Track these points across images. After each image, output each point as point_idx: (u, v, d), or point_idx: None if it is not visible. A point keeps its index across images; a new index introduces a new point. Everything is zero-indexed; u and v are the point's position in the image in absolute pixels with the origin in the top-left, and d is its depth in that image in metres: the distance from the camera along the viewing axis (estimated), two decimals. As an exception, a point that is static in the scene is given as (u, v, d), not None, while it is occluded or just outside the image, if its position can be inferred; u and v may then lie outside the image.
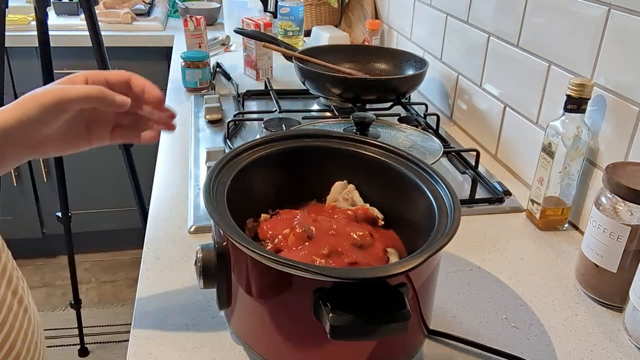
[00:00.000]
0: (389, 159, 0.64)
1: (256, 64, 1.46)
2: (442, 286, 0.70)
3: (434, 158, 0.85)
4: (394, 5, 1.62)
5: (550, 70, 0.89)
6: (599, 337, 0.63)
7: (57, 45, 1.48)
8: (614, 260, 0.65)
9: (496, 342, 0.61)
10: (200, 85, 1.37)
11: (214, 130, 1.13)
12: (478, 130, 1.14)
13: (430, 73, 1.23)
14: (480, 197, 0.90)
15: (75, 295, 1.70)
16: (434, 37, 1.33)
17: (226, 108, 1.24)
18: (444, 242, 0.48)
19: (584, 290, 0.70)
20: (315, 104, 1.28)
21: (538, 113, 0.93)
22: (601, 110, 0.78)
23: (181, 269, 0.71)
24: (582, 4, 0.80)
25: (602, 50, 0.77)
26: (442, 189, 0.57)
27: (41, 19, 1.32)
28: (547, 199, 0.81)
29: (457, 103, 1.23)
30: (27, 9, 1.93)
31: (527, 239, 0.81)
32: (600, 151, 0.79)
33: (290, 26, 1.72)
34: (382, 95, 1.15)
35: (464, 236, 0.81)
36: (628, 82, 0.73)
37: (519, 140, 0.99)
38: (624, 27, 0.73)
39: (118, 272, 2.24)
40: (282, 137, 0.66)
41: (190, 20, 1.47)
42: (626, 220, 0.63)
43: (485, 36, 1.08)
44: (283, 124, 1.10)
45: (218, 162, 0.58)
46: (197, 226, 0.79)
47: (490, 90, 1.08)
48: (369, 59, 1.32)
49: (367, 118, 0.87)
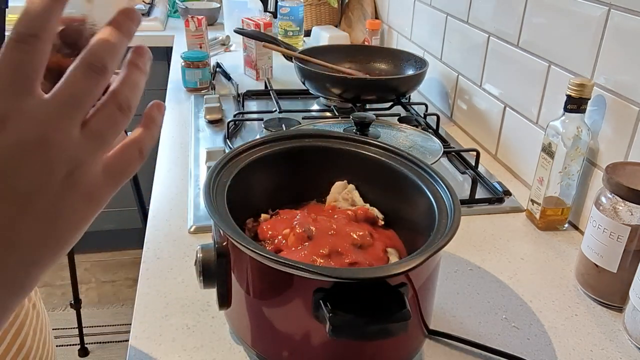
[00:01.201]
0: (389, 159, 0.64)
1: (256, 64, 1.46)
2: (442, 286, 0.70)
3: (434, 158, 0.85)
4: (394, 5, 1.62)
5: (550, 70, 0.89)
6: (599, 337, 0.63)
7: (57, 45, 1.47)
8: (614, 260, 0.65)
9: (496, 342, 0.61)
10: (200, 85, 1.37)
11: (214, 130, 1.13)
12: (478, 130, 1.14)
13: (430, 73, 1.23)
14: (480, 197, 0.90)
15: (75, 295, 1.70)
16: (434, 37, 1.33)
17: (226, 108, 1.24)
18: (444, 242, 0.48)
19: (584, 290, 0.70)
20: (315, 104, 1.28)
21: (538, 113, 0.93)
22: (601, 110, 0.78)
23: (181, 269, 0.71)
24: (582, 4, 0.80)
25: (602, 50, 0.77)
26: (442, 189, 0.57)
27: (41, 19, 1.32)
28: (547, 199, 0.81)
29: (457, 103, 1.23)
30: (27, 9, 1.93)
31: (527, 239, 0.81)
32: (600, 151, 0.79)
33: (290, 26, 1.72)
34: (382, 95, 1.15)
35: (464, 236, 0.81)
36: (628, 82, 0.73)
37: (519, 140, 0.99)
38: (624, 27, 0.73)
39: (118, 272, 2.24)
40: (282, 137, 0.66)
41: (191, 21, 1.47)
42: (626, 220, 0.63)
43: (485, 36, 1.08)
44: (283, 124, 1.10)
45: (218, 162, 0.58)
46: (197, 226, 0.79)
47: (490, 90, 1.08)
48: (369, 59, 1.32)
49: (367, 118, 0.87)
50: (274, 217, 0.62)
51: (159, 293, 0.67)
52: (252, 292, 0.51)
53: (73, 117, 0.30)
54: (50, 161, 0.29)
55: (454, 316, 0.65)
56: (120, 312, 2.03)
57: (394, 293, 0.45)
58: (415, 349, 0.56)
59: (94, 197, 0.31)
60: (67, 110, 0.30)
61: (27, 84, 0.30)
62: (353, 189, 0.66)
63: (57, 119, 0.30)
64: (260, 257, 0.46)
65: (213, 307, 0.64)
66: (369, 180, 0.66)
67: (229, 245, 0.52)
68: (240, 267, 0.51)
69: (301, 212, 0.62)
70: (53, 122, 0.30)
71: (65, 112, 0.30)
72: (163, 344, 0.59)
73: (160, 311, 0.64)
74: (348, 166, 0.66)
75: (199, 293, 0.66)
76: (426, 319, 0.55)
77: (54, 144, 0.29)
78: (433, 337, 0.61)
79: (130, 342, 0.59)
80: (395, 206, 0.63)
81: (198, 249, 0.53)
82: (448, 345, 0.60)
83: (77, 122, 0.31)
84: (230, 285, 0.53)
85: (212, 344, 0.59)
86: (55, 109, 0.30)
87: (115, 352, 1.86)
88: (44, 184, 0.29)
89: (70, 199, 0.30)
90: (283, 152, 0.64)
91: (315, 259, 0.53)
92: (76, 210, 0.31)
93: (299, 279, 0.46)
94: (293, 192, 0.66)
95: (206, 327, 0.62)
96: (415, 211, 0.59)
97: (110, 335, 1.93)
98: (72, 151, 0.30)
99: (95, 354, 1.85)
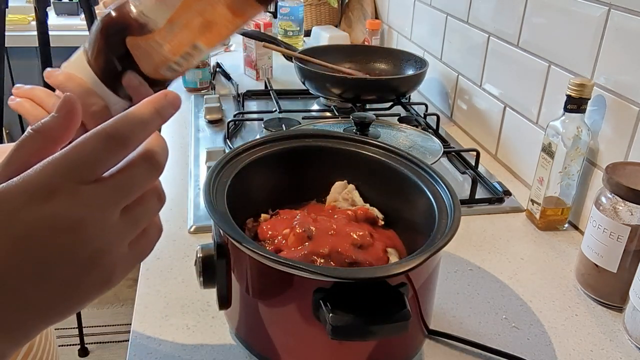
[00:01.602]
0: (389, 159, 0.64)
1: (256, 64, 1.46)
2: (442, 286, 0.70)
3: (434, 158, 0.85)
4: (394, 5, 1.62)
5: (550, 70, 0.89)
6: (599, 337, 0.63)
7: (57, 45, 1.48)
8: (614, 260, 0.65)
9: (496, 342, 0.61)
10: (200, 85, 1.37)
11: (214, 130, 1.13)
12: (478, 130, 1.14)
13: (430, 73, 1.22)
14: (480, 197, 0.90)
15: (75, 295, 1.69)
16: (434, 37, 1.33)
17: (226, 108, 1.24)
18: (444, 242, 0.48)
19: (584, 290, 0.70)
20: (315, 104, 1.28)
21: (538, 113, 0.93)
22: (601, 110, 0.78)
23: (181, 269, 0.71)
24: (582, 4, 0.80)
25: (602, 50, 0.77)
26: (442, 189, 0.57)
27: (41, 19, 1.32)
28: (547, 199, 0.81)
29: (457, 103, 1.23)
30: (27, 9, 1.93)
31: (527, 239, 0.81)
32: (600, 151, 0.79)
33: (290, 26, 1.72)
34: (382, 95, 1.15)
35: (464, 236, 0.81)
36: (628, 82, 0.73)
37: (519, 140, 0.99)
38: (624, 27, 0.73)
39: (118, 272, 2.24)
40: (282, 137, 0.66)
41: (190, 21, 1.47)
42: (626, 220, 0.63)
43: (485, 36, 1.08)
44: (283, 124, 1.10)
45: (218, 162, 0.58)
46: (197, 226, 0.79)
47: (490, 90, 1.08)
48: (369, 59, 1.32)
49: (367, 118, 0.87)
50: (274, 217, 0.62)
51: (159, 293, 0.67)
52: (252, 292, 0.51)
53: (119, 205, 0.31)
54: (81, 241, 0.30)
55: (454, 316, 0.65)
56: (120, 312, 2.03)
57: (394, 293, 0.45)
58: (415, 349, 0.56)
59: (114, 276, 0.32)
60: (116, 199, 0.31)
61: (93, 175, 0.30)
62: (353, 189, 0.66)
63: (103, 205, 0.30)
64: (260, 257, 0.46)
65: (213, 307, 0.64)
66: (369, 180, 0.66)
67: (229, 245, 0.52)
68: (240, 267, 0.51)
69: (301, 212, 0.62)
70: (98, 207, 0.30)
71: (113, 201, 0.31)
72: (163, 344, 0.59)
73: (160, 311, 0.64)
74: (348, 166, 0.66)
75: (199, 293, 0.66)
76: (426, 319, 0.55)
77: (91, 226, 0.30)
78: (433, 337, 0.61)
79: (130, 342, 0.59)
80: (395, 206, 0.63)
81: (198, 249, 0.53)
82: (448, 345, 0.60)
83: (120, 208, 0.31)
84: (230, 285, 0.53)
85: (212, 344, 0.59)
86: (105, 197, 0.30)
87: (115, 352, 1.86)
88: (69, 260, 0.30)
89: (92, 275, 0.31)
90: (283, 152, 0.64)
91: (315, 259, 0.53)
92: (94, 285, 0.31)
93: (299, 279, 0.46)
94: (293, 192, 0.66)
95: (206, 327, 0.62)
96: (415, 211, 0.59)
97: (110, 335, 1.93)
98: (107, 236, 0.31)
99: (95, 354, 1.85)
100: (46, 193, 0.29)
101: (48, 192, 0.29)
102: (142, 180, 0.32)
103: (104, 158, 0.30)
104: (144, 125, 0.32)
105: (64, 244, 0.29)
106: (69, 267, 0.30)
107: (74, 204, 0.29)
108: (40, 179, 0.29)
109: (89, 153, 0.30)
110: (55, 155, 0.30)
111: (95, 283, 0.31)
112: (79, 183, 0.30)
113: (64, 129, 0.32)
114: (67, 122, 0.32)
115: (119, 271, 0.32)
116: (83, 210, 0.30)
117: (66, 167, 0.29)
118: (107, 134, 0.30)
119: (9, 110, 0.54)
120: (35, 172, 0.29)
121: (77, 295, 0.31)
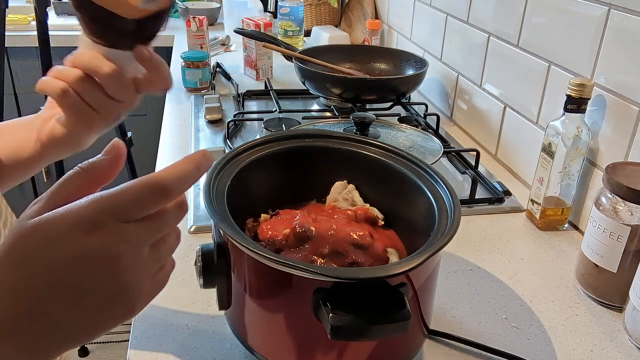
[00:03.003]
0: (389, 159, 0.64)
1: (256, 64, 1.46)
2: (442, 286, 0.70)
3: (434, 158, 0.85)
4: (394, 5, 1.62)
5: (550, 70, 0.89)
6: (599, 337, 0.63)
7: (57, 45, 1.48)
8: (614, 260, 0.65)
9: (496, 342, 0.61)
10: (200, 85, 1.37)
11: (214, 130, 1.13)
12: (478, 130, 1.14)
13: (430, 73, 1.23)
14: (480, 197, 0.90)
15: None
16: (434, 37, 1.33)
17: (226, 108, 1.24)
18: (444, 242, 0.48)
19: (584, 290, 0.70)
20: (315, 104, 1.28)
21: (538, 113, 0.93)
22: (601, 110, 0.78)
23: (181, 269, 0.71)
24: (582, 4, 0.80)
25: (602, 50, 0.77)
26: (442, 189, 0.57)
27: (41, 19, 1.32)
28: (547, 199, 0.81)
29: (457, 103, 1.23)
30: (27, 9, 1.93)
31: (527, 239, 0.81)
32: (600, 151, 0.79)
33: (290, 26, 1.72)
34: (382, 95, 1.15)
35: (464, 236, 0.81)
36: (628, 82, 0.73)
37: (519, 140, 0.99)
38: (624, 27, 0.73)
39: (118, 272, 2.24)
40: (282, 137, 0.66)
41: (192, 21, 1.47)
42: (626, 220, 0.63)
43: (485, 36, 1.08)
44: (283, 124, 1.10)
45: (218, 162, 0.58)
46: (197, 226, 0.79)
47: (490, 90, 1.08)
48: (369, 59, 1.32)
49: (367, 118, 0.87)
50: (274, 217, 0.62)
51: (159, 293, 0.66)
52: (252, 292, 0.51)
53: (151, 240, 0.35)
54: (116, 273, 0.33)
55: (454, 316, 0.65)
56: (120, 312, 2.03)
57: (394, 293, 0.45)
58: (415, 349, 0.56)
59: (137, 307, 0.36)
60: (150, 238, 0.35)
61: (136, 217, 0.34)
62: (353, 189, 0.66)
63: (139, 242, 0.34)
64: (260, 257, 0.46)
65: (213, 307, 0.64)
66: (369, 180, 0.66)
67: (229, 245, 0.52)
68: (240, 267, 0.51)
69: (301, 212, 0.62)
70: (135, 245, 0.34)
71: (146, 239, 0.35)
72: (163, 344, 0.59)
73: (160, 311, 0.64)
74: (348, 166, 0.66)
75: (199, 293, 0.66)
76: (426, 319, 0.55)
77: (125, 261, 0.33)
78: (433, 337, 0.61)
79: (130, 342, 0.59)
80: (395, 206, 0.63)
81: (198, 249, 0.53)
82: (448, 345, 0.60)
83: (150, 243, 0.35)
84: (230, 285, 0.53)
85: (212, 344, 0.59)
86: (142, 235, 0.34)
87: (115, 352, 1.86)
88: (102, 290, 0.33)
89: (119, 305, 0.34)
90: (283, 152, 0.64)
91: (315, 259, 0.53)
92: (119, 315, 0.35)
93: (299, 279, 0.46)
94: (293, 192, 0.66)
95: (206, 327, 0.62)
96: (415, 211, 0.59)
97: (110, 335, 1.93)
98: (137, 271, 0.34)
99: (95, 354, 1.85)
100: (91, 226, 0.32)
101: (93, 226, 0.32)
102: (172, 223, 0.37)
103: (149, 204, 0.34)
104: (185, 180, 0.36)
105: (99, 274, 0.32)
106: (101, 296, 0.33)
107: (115, 240, 0.33)
108: (87, 213, 0.32)
109: (137, 198, 0.34)
110: (102, 194, 0.33)
111: (120, 313, 0.34)
112: (122, 222, 0.33)
113: (109, 171, 0.36)
114: (113, 165, 0.36)
115: (142, 302, 0.36)
116: (122, 246, 0.33)
117: (114, 207, 0.33)
118: (155, 186, 0.34)
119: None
120: (82, 205, 0.33)
121: (102, 323, 0.34)
